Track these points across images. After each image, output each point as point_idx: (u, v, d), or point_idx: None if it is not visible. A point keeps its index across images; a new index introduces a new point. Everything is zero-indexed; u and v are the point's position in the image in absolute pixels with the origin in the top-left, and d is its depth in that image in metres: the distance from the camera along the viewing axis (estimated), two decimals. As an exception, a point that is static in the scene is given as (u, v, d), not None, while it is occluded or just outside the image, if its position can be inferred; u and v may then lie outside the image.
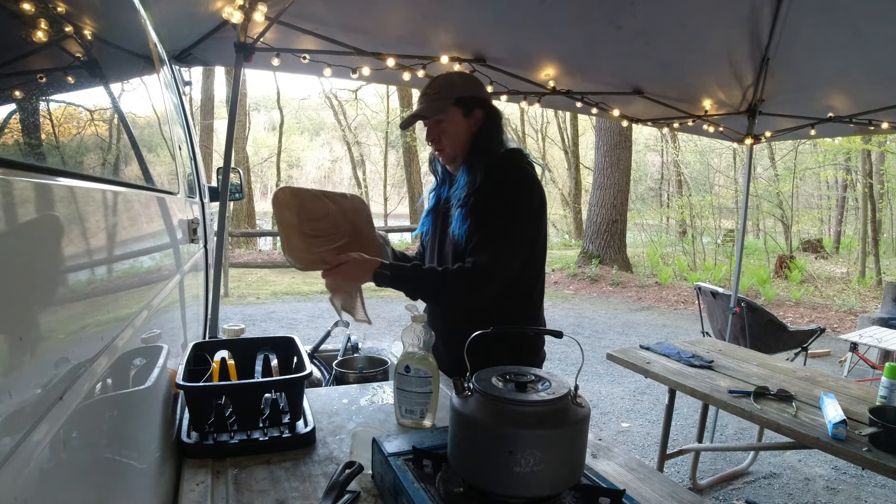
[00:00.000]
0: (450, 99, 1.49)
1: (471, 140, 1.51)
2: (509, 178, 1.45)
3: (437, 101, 1.50)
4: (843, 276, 11.03)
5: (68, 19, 0.74)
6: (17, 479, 0.40)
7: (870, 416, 1.77)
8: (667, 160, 17.49)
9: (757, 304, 4.11)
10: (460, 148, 1.52)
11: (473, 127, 1.51)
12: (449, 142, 1.51)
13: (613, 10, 2.44)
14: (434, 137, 1.53)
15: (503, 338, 1.44)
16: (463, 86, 1.53)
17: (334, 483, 0.93)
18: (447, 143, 1.52)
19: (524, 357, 1.55)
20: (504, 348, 1.46)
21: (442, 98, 1.50)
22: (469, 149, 1.51)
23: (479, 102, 1.52)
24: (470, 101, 1.50)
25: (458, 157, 1.53)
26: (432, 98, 1.51)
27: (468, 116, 1.50)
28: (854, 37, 2.52)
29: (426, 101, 1.53)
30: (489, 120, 1.52)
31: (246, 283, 8.65)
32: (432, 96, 1.52)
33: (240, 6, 2.20)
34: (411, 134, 14.54)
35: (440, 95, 1.51)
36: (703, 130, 3.56)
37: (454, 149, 1.52)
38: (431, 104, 1.51)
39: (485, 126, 1.51)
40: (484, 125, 1.51)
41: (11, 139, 0.53)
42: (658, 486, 1.07)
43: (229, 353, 1.38)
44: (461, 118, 1.50)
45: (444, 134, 1.51)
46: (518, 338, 1.51)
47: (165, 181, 1.44)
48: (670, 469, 3.07)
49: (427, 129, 1.53)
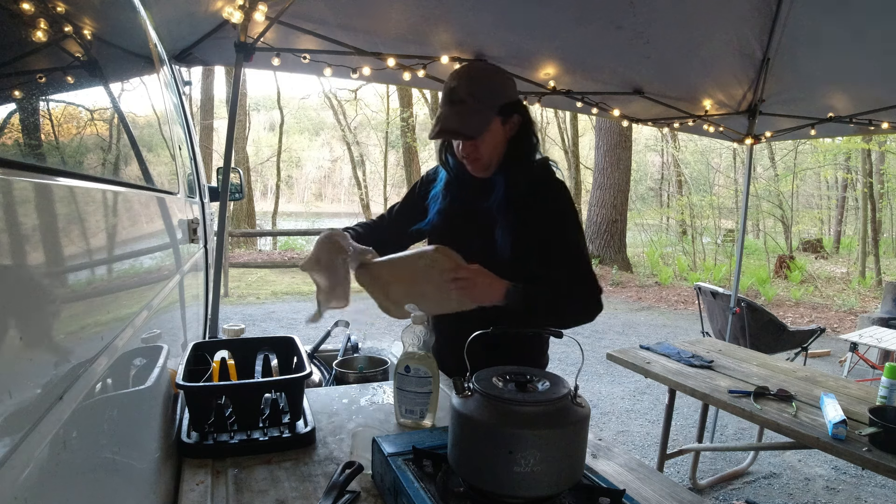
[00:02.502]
0: (492, 110, 1.33)
1: (506, 146, 1.39)
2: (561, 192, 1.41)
3: (479, 113, 1.32)
4: (843, 276, 11.03)
5: (68, 19, 0.74)
6: (17, 479, 0.40)
7: (870, 416, 1.77)
8: (667, 160, 17.48)
9: (757, 304, 4.11)
10: (497, 156, 1.39)
11: (509, 132, 1.38)
12: (486, 151, 1.37)
13: (613, 9, 2.43)
14: (469, 150, 1.37)
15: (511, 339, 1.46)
16: (504, 91, 1.38)
17: (334, 483, 0.93)
18: (484, 152, 1.37)
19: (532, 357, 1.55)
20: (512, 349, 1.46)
21: (485, 108, 1.33)
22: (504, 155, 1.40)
23: (518, 106, 1.38)
24: (510, 108, 1.36)
25: (492, 166, 1.41)
26: (473, 109, 1.32)
27: (506, 123, 1.37)
28: (854, 36, 2.52)
29: (466, 113, 1.32)
30: (526, 124, 1.40)
31: (246, 283, 8.65)
32: (472, 106, 1.32)
33: (240, 6, 2.20)
34: (411, 134, 14.54)
35: (482, 106, 1.33)
36: (704, 130, 3.56)
37: (491, 158, 1.39)
38: (473, 118, 1.32)
39: (521, 130, 1.39)
40: (520, 129, 1.39)
41: (11, 139, 0.53)
42: (658, 486, 1.07)
43: (229, 353, 1.38)
44: (500, 127, 1.36)
45: (483, 145, 1.36)
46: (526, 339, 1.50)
47: (165, 181, 1.44)
48: (670, 469, 3.07)
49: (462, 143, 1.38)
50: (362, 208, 17.01)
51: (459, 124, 1.33)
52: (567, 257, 1.39)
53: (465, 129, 1.33)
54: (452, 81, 1.35)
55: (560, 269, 1.37)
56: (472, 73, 1.38)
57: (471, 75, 1.37)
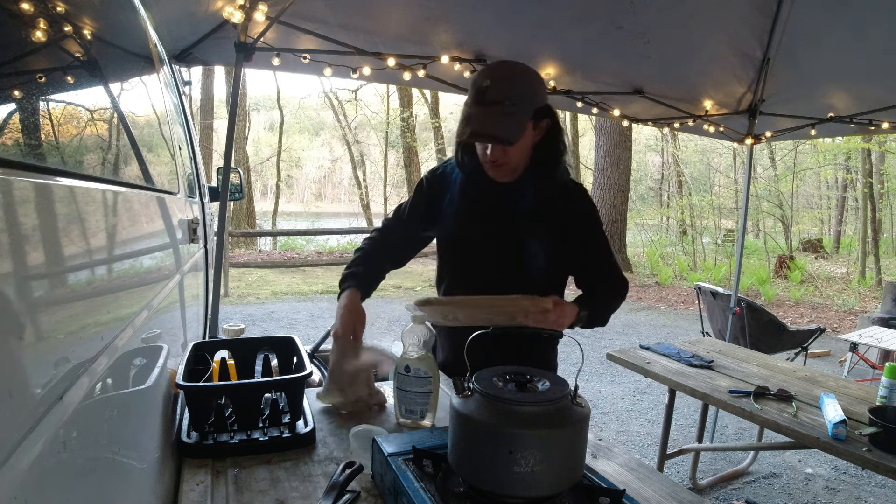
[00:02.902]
0: (528, 114, 1.26)
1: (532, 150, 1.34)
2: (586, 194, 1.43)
3: (515, 117, 1.24)
4: (843, 276, 11.03)
5: (68, 19, 0.74)
6: (17, 479, 0.40)
7: (870, 416, 1.77)
8: (667, 160, 17.48)
9: (757, 304, 4.11)
10: (523, 161, 1.34)
11: (537, 136, 1.33)
12: (515, 157, 1.31)
13: (614, 9, 2.44)
14: (499, 155, 1.29)
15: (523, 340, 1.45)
16: (538, 93, 1.30)
17: (334, 483, 0.93)
18: (513, 157, 1.31)
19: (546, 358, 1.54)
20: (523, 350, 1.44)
21: (520, 112, 1.25)
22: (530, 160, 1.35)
23: (549, 110, 1.32)
24: (542, 112, 1.30)
25: (517, 171, 1.36)
26: (508, 112, 1.23)
27: (536, 128, 1.31)
28: (854, 36, 2.52)
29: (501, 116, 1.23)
30: (554, 127, 1.34)
31: (246, 283, 8.65)
32: (507, 108, 1.23)
33: (240, 6, 2.20)
34: (411, 134, 14.54)
35: (517, 109, 1.24)
36: (704, 130, 3.56)
37: (518, 163, 1.33)
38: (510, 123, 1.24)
39: (550, 135, 1.34)
40: (548, 134, 1.34)
41: (11, 139, 0.53)
42: (658, 486, 1.07)
43: (229, 353, 1.38)
44: (531, 130, 1.29)
45: (512, 149, 1.29)
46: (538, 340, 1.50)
47: (165, 181, 1.44)
48: (670, 469, 3.07)
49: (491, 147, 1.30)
50: (362, 208, 17.01)
51: (495, 128, 1.23)
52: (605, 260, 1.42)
53: (502, 134, 1.24)
54: (484, 80, 1.24)
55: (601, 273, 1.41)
56: (507, 72, 1.29)
57: (505, 75, 1.27)
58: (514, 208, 1.37)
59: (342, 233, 12.47)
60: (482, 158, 1.34)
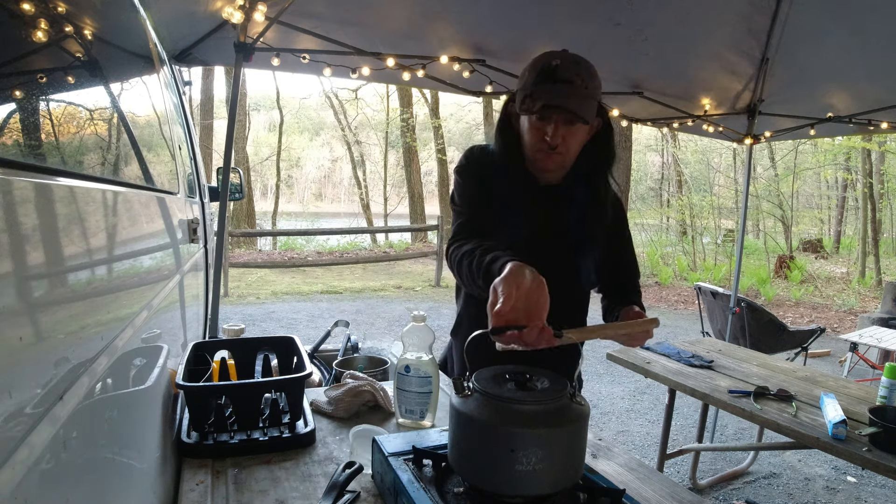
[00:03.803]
0: (595, 103, 1.19)
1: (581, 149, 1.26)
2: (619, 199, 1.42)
3: (587, 101, 1.17)
4: (843, 276, 11.03)
5: (68, 19, 0.74)
6: (17, 479, 0.40)
7: (870, 416, 1.77)
8: (667, 160, 17.48)
9: (757, 304, 4.11)
10: (573, 157, 1.26)
11: (588, 135, 1.26)
12: (573, 147, 1.23)
13: (612, 6, 2.44)
14: (561, 140, 1.20)
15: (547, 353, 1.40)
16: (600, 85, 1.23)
17: (334, 483, 0.93)
18: (572, 146, 1.22)
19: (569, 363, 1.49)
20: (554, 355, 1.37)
21: (591, 98, 1.18)
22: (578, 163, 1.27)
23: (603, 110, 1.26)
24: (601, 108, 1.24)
25: (566, 168, 1.28)
26: (584, 94, 1.16)
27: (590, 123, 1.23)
28: (853, 36, 2.53)
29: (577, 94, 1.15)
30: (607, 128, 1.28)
31: (246, 283, 8.65)
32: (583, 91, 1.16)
33: (240, 6, 2.20)
34: (411, 134, 14.53)
35: (590, 93, 1.17)
36: (703, 130, 3.56)
37: (573, 156, 1.25)
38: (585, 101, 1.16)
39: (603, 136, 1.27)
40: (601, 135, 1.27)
41: (11, 139, 0.53)
42: (658, 486, 1.07)
43: (229, 353, 1.38)
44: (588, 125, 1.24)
45: (573, 139, 1.21)
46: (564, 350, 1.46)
47: (165, 181, 1.44)
48: (670, 469, 3.07)
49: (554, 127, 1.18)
50: (362, 208, 17.02)
51: (570, 102, 1.14)
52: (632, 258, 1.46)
53: (579, 109, 1.14)
54: (553, 60, 1.17)
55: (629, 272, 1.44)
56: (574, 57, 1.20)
57: (574, 59, 1.19)
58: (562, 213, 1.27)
59: (342, 233, 12.47)
60: (535, 146, 1.22)
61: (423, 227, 12.87)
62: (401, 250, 12.65)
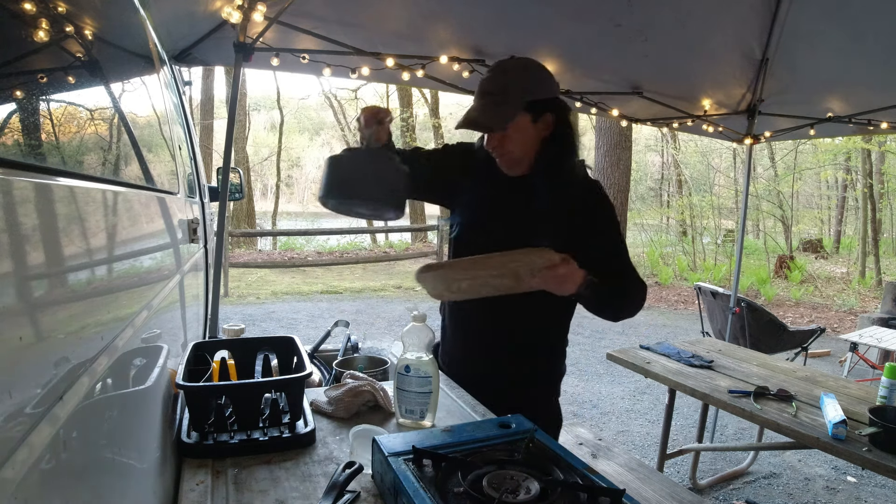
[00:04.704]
0: (517, 105, 1.28)
1: (541, 146, 1.34)
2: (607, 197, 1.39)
3: (501, 107, 1.28)
4: (843, 276, 11.03)
5: (68, 19, 0.74)
6: (17, 479, 0.40)
7: (870, 416, 1.77)
8: (667, 160, 17.48)
9: (757, 304, 4.11)
10: (527, 154, 1.34)
11: (544, 132, 1.33)
12: (514, 147, 1.33)
13: (612, 7, 2.44)
14: (495, 143, 1.33)
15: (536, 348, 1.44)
16: (535, 87, 1.31)
17: (334, 483, 0.93)
18: (511, 148, 1.33)
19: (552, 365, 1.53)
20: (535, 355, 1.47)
21: (507, 103, 1.28)
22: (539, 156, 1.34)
23: (549, 104, 1.32)
24: (540, 106, 1.30)
25: (524, 162, 1.36)
26: (496, 102, 1.29)
27: (536, 122, 1.31)
28: (853, 37, 2.53)
29: (490, 106, 1.29)
30: (562, 123, 1.33)
31: (246, 283, 8.65)
32: (496, 99, 1.29)
33: (239, 6, 2.20)
34: (411, 134, 14.54)
35: (508, 99, 1.28)
36: (703, 130, 3.56)
37: (520, 155, 1.35)
38: (496, 112, 1.29)
39: (557, 131, 1.33)
40: (556, 130, 1.33)
41: (11, 139, 0.53)
42: (658, 486, 1.07)
43: (229, 353, 1.38)
44: (529, 124, 1.31)
45: (510, 140, 1.32)
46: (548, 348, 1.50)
47: (165, 181, 1.44)
48: (670, 469, 3.07)
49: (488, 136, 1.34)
50: (362, 208, 16.96)
51: (479, 116, 1.31)
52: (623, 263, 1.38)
53: (485, 120, 1.30)
54: (486, 74, 1.34)
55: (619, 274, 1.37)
56: (506, 66, 1.34)
57: (503, 69, 1.33)
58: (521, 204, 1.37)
59: (342, 233, 12.46)
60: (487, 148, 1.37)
61: (423, 227, 12.87)
62: (401, 250, 12.65)
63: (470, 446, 0.98)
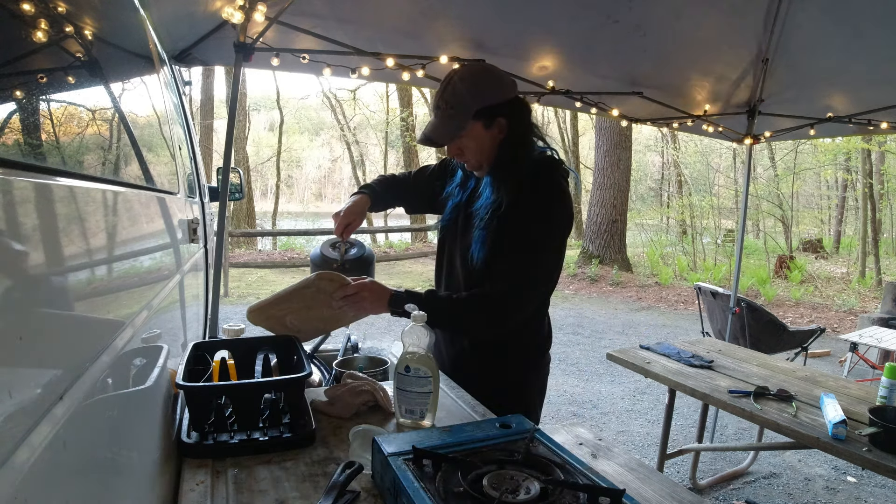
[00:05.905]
0: (466, 115, 1.34)
1: (497, 149, 1.38)
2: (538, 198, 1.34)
3: (451, 119, 1.35)
4: (843, 276, 11.04)
5: (68, 19, 0.74)
6: (17, 479, 0.40)
7: (870, 416, 1.77)
8: (667, 160, 17.48)
9: (757, 304, 4.11)
10: (486, 158, 1.40)
11: (498, 136, 1.37)
12: (472, 155, 1.39)
13: (610, 4, 2.45)
14: (455, 152, 1.41)
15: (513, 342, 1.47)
16: (481, 95, 1.35)
17: (334, 483, 0.93)
18: (471, 155, 1.40)
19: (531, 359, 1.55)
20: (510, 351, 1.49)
21: (457, 115, 1.34)
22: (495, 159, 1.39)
23: (501, 109, 1.36)
24: (490, 112, 1.35)
25: (484, 166, 1.42)
26: (446, 115, 1.35)
27: (490, 128, 1.36)
28: (853, 36, 2.53)
29: (439, 120, 1.36)
30: (514, 126, 1.38)
31: (246, 283, 8.65)
32: (445, 112, 1.35)
33: (239, 6, 2.20)
34: (411, 134, 14.54)
35: (454, 112, 1.34)
36: (703, 130, 3.55)
37: (479, 160, 1.40)
38: (445, 125, 1.36)
39: (510, 134, 1.37)
40: (510, 133, 1.37)
41: (11, 139, 0.53)
42: (658, 486, 1.07)
43: (229, 353, 1.38)
44: (482, 131, 1.36)
45: (466, 149, 1.39)
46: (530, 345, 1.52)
47: (165, 181, 1.44)
48: (670, 469, 3.07)
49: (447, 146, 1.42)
50: (362, 208, 16.95)
51: (433, 131, 1.38)
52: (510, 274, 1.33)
53: (434, 135, 1.37)
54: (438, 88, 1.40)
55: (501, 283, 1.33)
56: (452, 78, 1.37)
57: (449, 81, 1.37)
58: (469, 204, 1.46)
59: (342, 233, 12.43)
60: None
61: (423, 227, 12.86)
62: (401, 250, 12.65)
63: (470, 446, 0.98)
